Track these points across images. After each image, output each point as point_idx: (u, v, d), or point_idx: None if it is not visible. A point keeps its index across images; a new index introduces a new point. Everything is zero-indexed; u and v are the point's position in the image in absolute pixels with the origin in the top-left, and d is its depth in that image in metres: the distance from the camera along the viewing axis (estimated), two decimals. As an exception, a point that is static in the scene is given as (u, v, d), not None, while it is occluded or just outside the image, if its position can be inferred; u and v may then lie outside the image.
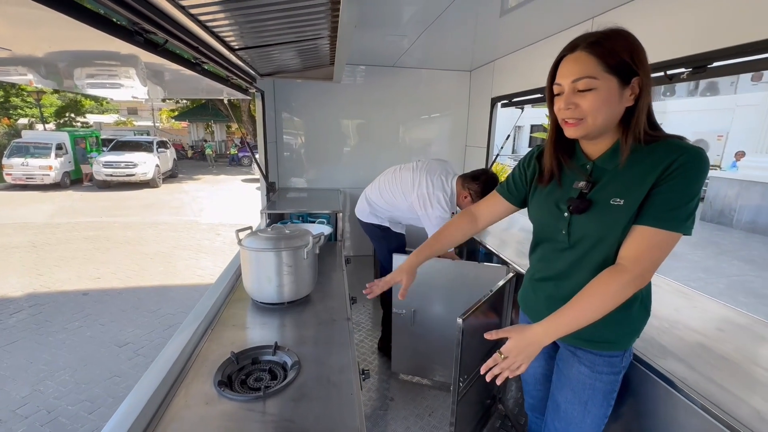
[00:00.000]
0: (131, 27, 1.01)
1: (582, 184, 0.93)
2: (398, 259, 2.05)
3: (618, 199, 0.86)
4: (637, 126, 0.84)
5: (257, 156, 3.17)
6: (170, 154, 13.29)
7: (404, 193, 2.12)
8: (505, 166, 7.60)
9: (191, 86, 2.20)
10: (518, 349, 0.87)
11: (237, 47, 1.53)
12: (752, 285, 4.39)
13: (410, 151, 3.84)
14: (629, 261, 0.84)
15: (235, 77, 1.84)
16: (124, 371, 2.83)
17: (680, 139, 0.85)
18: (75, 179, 11.49)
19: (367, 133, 3.79)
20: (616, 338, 0.96)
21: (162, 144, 12.84)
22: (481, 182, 1.98)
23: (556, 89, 0.89)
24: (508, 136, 3.31)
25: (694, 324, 1.24)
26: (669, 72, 1.52)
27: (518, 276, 1.82)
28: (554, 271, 1.00)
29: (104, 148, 12.28)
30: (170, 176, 13.22)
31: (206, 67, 1.58)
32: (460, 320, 1.29)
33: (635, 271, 0.83)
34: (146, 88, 1.76)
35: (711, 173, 7.90)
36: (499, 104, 3.14)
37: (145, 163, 10.77)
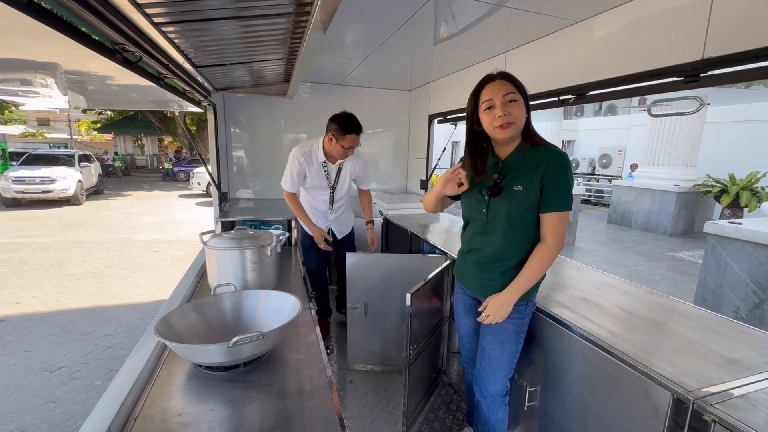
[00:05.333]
0: (112, 46, 1.14)
1: (496, 176, 1.29)
2: (351, 257, 2.25)
3: (519, 186, 1.24)
4: (531, 131, 1.26)
5: (207, 168, 3.20)
6: (95, 168, 12.17)
7: None
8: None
9: (124, 97, 2.14)
10: (495, 309, 1.28)
11: (199, 64, 1.66)
12: (645, 273, 5.32)
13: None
14: (550, 236, 1.22)
15: (193, 91, 1.95)
16: (60, 396, 2.63)
17: (552, 145, 1.26)
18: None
19: (316, 146, 3.97)
20: None
21: (85, 158, 11.73)
22: (337, 121, 2.08)
23: (487, 104, 1.21)
24: (444, 148, 3.72)
25: (581, 286, 1.65)
26: (561, 97, 1.95)
27: (455, 262, 2.11)
28: (477, 244, 1.35)
29: (13, 162, 10.91)
30: (95, 192, 12.08)
31: (167, 81, 1.69)
32: (409, 295, 1.53)
33: (555, 241, 1.22)
34: (66, 98, 1.76)
35: (614, 182, 9.25)
36: (435, 120, 3.53)
37: (66, 179, 9.74)
